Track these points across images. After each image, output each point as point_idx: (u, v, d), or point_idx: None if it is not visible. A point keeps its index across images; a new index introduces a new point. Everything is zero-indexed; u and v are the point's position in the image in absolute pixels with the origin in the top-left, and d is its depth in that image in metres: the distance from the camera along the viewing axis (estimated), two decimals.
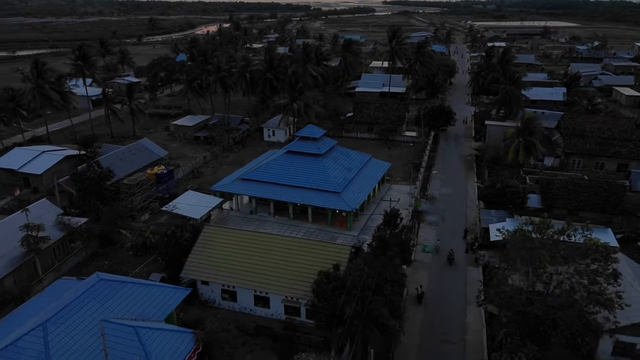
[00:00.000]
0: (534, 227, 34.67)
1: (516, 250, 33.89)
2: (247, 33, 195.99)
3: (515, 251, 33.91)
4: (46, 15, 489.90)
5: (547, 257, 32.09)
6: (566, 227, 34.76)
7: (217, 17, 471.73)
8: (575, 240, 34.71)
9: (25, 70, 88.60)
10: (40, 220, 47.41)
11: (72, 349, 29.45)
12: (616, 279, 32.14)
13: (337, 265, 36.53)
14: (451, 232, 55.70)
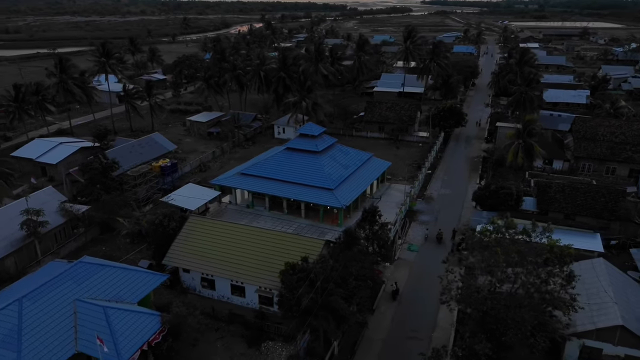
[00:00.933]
0: (495, 227, 34.64)
1: (475, 249, 34.05)
2: (274, 32, 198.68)
3: (474, 250, 34.08)
4: (91, 14, 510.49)
5: (501, 256, 32.10)
6: (531, 228, 34.57)
7: (253, 16, 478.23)
8: (538, 241, 34.45)
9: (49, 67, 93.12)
10: (44, 206, 50.69)
11: (44, 324, 31.81)
12: (569, 282, 31.83)
13: (305, 257, 37.58)
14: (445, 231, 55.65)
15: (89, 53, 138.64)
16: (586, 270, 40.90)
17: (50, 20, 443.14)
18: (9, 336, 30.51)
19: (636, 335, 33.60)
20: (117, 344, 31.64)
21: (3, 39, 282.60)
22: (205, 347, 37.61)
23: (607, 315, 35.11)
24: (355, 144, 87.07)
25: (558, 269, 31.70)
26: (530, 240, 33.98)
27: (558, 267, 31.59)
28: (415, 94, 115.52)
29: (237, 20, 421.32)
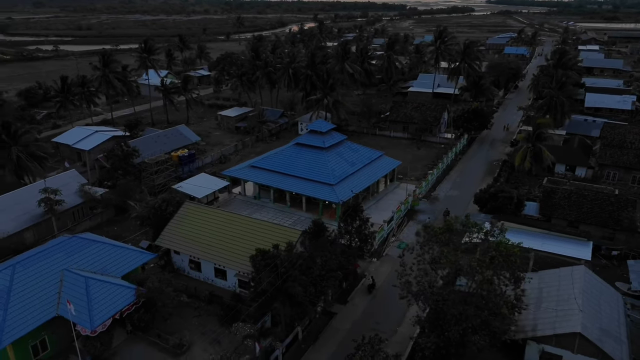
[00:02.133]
0: (447, 225, 34.89)
1: (426, 245, 34.49)
2: (322, 31, 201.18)
3: (425, 246, 34.52)
4: (159, 13, 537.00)
5: (446, 253, 32.43)
6: (491, 228, 34.55)
7: (310, 15, 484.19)
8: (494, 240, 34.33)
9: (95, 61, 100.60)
10: (65, 187, 55.93)
11: (32, 288, 35.85)
12: (517, 282, 31.63)
13: (276, 244, 39.43)
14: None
15: (168, 49, 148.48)
16: (564, 277, 40.04)
17: (122, 18, 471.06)
18: (1, 298, 34.69)
19: (595, 344, 32.78)
20: (91, 311, 35.07)
21: (75, 35, 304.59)
22: (181, 322, 40.46)
23: (568, 322, 34.46)
24: (376, 143, 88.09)
25: (505, 269, 31.58)
26: (486, 239, 33.99)
27: (504, 265, 31.44)
28: (450, 95, 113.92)
29: (294, 19, 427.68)
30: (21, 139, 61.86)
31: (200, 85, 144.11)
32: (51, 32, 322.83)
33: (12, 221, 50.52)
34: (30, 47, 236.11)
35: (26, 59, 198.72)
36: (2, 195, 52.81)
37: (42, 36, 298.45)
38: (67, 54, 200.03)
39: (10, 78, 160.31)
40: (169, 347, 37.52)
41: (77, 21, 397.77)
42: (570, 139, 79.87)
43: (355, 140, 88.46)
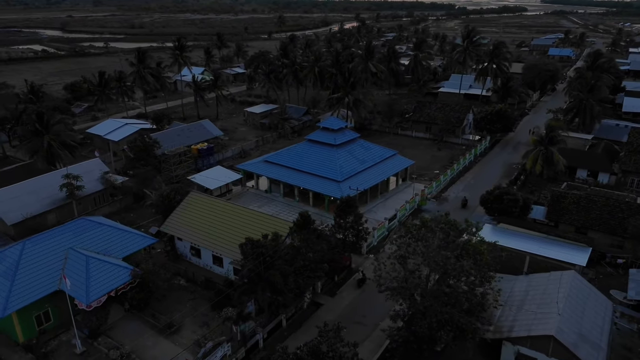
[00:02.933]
0: (421, 221, 35.28)
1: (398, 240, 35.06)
2: (360, 31, 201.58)
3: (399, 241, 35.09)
4: (209, 12, 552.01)
5: (418, 248, 32.89)
6: (466, 227, 34.74)
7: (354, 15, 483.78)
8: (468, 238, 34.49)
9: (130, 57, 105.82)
10: (88, 175, 59.96)
11: (38, 263, 39.14)
12: (488, 280, 31.71)
13: (265, 235, 41.02)
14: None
15: (193, 47, 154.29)
16: (552, 281, 39.55)
17: (173, 17, 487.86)
18: (9, 269, 38.19)
19: (567, 348, 32.37)
20: (88, 287, 37.95)
21: (127, 33, 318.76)
22: (175, 304, 42.87)
23: (544, 325, 34.18)
24: (397, 143, 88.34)
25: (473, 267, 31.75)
26: (462, 237, 34.22)
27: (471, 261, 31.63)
28: (483, 96, 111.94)
29: (339, 19, 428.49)
30: (53, 128, 66.54)
31: (235, 82, 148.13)
32: (106, 29, 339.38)
33: (36, 203, 54.76)
34: (84, 44, 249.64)
35: (78, 54, 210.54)
36: (30, 180, 57.32)
37: (97, 33, 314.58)
38: (115, 51, 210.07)
39: (62, 72, 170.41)
40: (160, 326, 39.94)
41: (131, 20, 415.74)
42: (597, 143, 77.17)
43: (377, 139, 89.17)
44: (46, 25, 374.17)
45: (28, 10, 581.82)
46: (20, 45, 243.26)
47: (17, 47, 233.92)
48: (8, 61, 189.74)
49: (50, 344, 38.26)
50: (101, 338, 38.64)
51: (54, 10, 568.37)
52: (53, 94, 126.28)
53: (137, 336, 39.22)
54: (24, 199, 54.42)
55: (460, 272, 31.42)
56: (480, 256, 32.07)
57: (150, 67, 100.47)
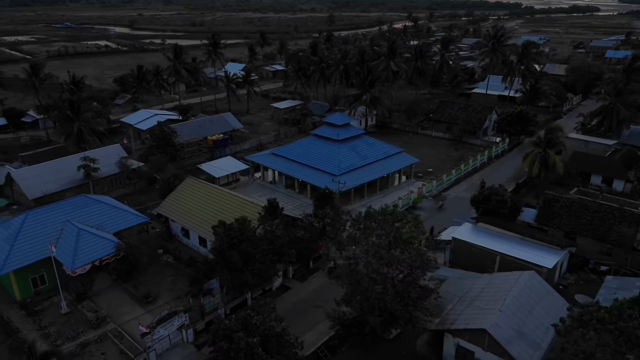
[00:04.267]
0: (367, 213, 36.54)
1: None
2: (405, 31, 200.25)
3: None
4: (269, 11, 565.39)
5: (359, 238, 34.31)
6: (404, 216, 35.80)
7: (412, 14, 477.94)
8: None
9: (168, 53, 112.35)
10: (107, 159, 65.59)
11: (36, 232, 44.25)
12: (423, 270, 32.66)
13: (238, 218, 43.76)
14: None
15: (243, 45, 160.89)
16: (509, 280, 39.65)
17: (234, 16, 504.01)
18: (11, 235, 43.50)
19: (499, 343, 32.70)
20: (75, 256, 42.49)
21: (188, 30, 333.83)
22: (158, 278, 46.71)
23: (482, 319, 34.60)
24: (415, 141, 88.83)
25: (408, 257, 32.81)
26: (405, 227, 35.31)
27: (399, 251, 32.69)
28: (510, 97, 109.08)
29: (395, 18, 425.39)
30: (83, 115, 73.01)
31: (274, 79, 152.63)
32: (169, 27, 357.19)
33: (56, 182, 60.80)
34: (145, 41, 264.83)
35: (138, 50, 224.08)
36: (53, 160, 63.65)
37: (160, 31, 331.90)
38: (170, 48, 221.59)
39: (119, 67, 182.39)
40: (139, 295, 43.84)
41: (194, 18, 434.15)
42: (619, 149, 73.82)
43: (395, 137, 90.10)
44: (116, 23, 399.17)
45: (104, 9, 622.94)
46: (89, 41, 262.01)
47: (86, 43, 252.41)
48: (74, 55, 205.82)
49: (42, 303, 43.17)
50: (86, 302, 43.04)
51: (127, 9, 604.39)
52: (106, 86, 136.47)
53: (117, 303, 43.36)
54: (46, 177, 60.64)
55: (391, 259, 32.59)
56: (408, 245, 33.02)
57: (185, 62, 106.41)
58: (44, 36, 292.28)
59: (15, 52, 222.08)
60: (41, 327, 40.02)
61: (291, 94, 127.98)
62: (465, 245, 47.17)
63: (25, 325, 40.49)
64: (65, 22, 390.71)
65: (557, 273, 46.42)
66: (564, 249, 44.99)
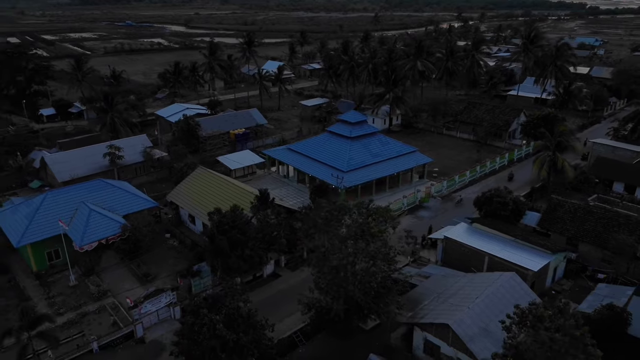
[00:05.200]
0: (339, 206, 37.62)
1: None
2: (450, 30, 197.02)
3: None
4: (320, 10, 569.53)
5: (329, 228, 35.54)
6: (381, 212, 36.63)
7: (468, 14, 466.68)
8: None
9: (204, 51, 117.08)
10: (133, 148, 70.11)
11: (53, 210, 48.55)
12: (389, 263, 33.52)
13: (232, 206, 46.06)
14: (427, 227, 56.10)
15: (287, 43, 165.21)
16: (488, 279, 39.71)
17: (286, 15, 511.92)
18: (30, 212, 48.01)
19: (461, 339, 33.05)
20: (84, 234, 46.37)
21: (239, 29, 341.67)
22: (161, 259, 49.91)
23: (448, 315, 35.00)
24: (436, 142, 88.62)
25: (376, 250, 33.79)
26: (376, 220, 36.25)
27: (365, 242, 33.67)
28: (542, 100, 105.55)
29: (447, 18, 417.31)
30: (116, 107, 78.18)
31: (311, 77, 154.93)
32: (221, 26, 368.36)
33: (84, 167, 65.72)
34: (197, 39, 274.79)
35: (188, 48, 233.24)
36: (83, 147, 68.83)
37: (212, 29, 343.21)
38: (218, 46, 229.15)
39: (167, 62, 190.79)
40: (139, 274, 47.16)
41: (247, 17, 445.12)
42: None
43: (419, 137, 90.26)
44: (173, 22, 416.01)
45: (165, 7, 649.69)
46: (146, 39, 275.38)
47: (142, 40, 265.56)
48: (129, 52, 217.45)
49: (54, 276, 47.39)
50: (92, 277, 46.83)
51: (186, 8, 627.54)
52: (151, 81, 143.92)
53: (119, 279, 46.90)
54: (76, 162, 65.74)
55: (357, 251, 33.67)
56: (375, 238, 33.94)
57: (220, 59, 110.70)
58: (105, 33, 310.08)
59: (77, 47, 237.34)
60: (50, 297, 44.07)
61: (325, 93, 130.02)
62: (456, 245, 47.21)
63: (37, 294, 44.73)
64: (127, 20, 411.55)
65: (550, 278, 45.61)
66: (555, 254, 44.08)
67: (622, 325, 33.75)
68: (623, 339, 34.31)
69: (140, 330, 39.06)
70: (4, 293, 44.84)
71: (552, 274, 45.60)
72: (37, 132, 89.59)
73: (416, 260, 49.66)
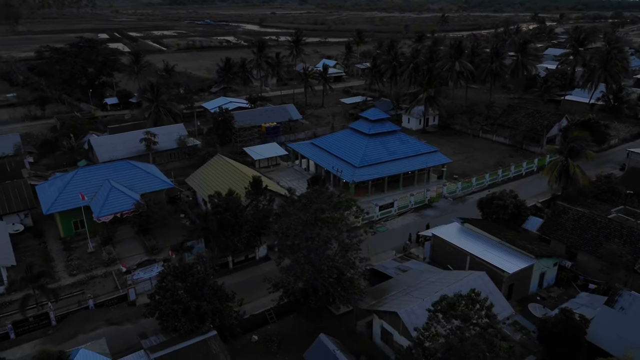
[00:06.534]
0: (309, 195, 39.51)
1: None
2: (518, 31, 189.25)
3: None
4: (395, 10, 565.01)
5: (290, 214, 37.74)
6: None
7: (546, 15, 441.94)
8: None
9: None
10: (170, 135, 76.23)
11: (81, 184, 54.85)
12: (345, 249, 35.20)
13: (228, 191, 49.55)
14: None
15: (347, 42, 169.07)
16: (456, 277, 40.22)
17: (360, 15, 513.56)
18: (62, 186, 54.63)
19: (406, 328, 34.07)
20: (102, 207, 52.12)
21: (308, 28, 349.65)
22: (171, 236, 54.50)
23: (401, 305, 36.00)
24: (469, 144, 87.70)
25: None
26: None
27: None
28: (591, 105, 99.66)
29: (527, 19, 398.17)
30: (161, 97, 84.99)
31: (363, 76, 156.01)
32: (292, 25, 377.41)
33: (124, 150, 72.55)
34: (266, 37, 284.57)
35: (254, 46, 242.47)
36: (125, 133, 75.88)
37: (284, 29, 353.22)
38: (282, 44, 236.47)
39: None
40: (148, 246, 52.13)
41: (319, 17, 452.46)
42: None
43: (452, 139, 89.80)
44: (249, 21, 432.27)
45: (246, 7, 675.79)
46: (219, 36, 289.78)
47: (215, 38, 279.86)
48: (200, 48, 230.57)
49: (78, 243, 53.62)
50: (108, 246, 52.48)
51: (265, 8, 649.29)
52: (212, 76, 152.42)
53: (130, 250, 52.18)
54: (117, 146, 72.82)
55: (312, 236, 35.64)
56: (329, 224, 35.64)
57: (267, 56, 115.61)
58: (184, 31, 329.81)
59: (156, 44, 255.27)
60: (68, 260, 50.18)
61: (374, 92, 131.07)
62: (443, 243, 47.54)
63: (59, 256, 51.08)
64: (206, 19, 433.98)
65: (536, 283, 44.65)
66: (539, 259, 43.13)
67: (576, 330, 32.99)
68: (580, 344, 33.55)
69: (132, 294, 43.66)
70: (34, 253, 51.59)
71: (538, 279, 44.63)
72: (97, 118, 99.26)
73: (406, 256, 50.39)
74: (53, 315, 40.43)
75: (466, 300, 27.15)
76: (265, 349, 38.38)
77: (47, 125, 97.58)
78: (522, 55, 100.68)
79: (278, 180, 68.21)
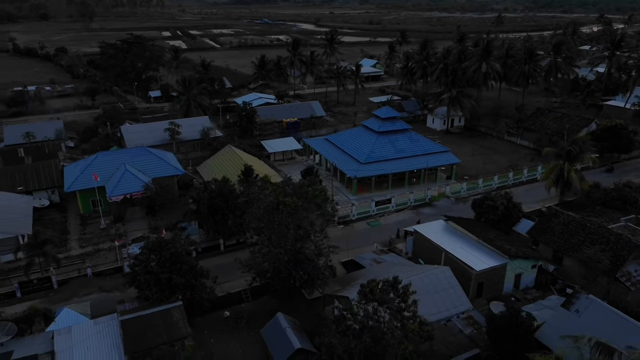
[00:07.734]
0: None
1: None
2: (574, 33, 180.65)
3: None
4: (456, 11, 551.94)
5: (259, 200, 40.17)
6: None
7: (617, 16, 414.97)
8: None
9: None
10: (194, 127, 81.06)
11: (100, 167, 60.25)
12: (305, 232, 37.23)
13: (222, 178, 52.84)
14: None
15: (391, 42, 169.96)
16: (420, 270, 41.30)
17: (418, 15, 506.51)
18: (83, 167, 60.22)
19: None
20: (114, 187, 57.11)
21: (361, 28, 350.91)
22: (176, 217, 58.60)
23: (349, 291, 37.58)
24: (489, 146, 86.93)
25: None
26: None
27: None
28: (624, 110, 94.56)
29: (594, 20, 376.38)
30: (192, 91, 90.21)
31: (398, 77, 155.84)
32: (346, 25, 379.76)
33: (150, 138, 77.90)
34: (317, 36, 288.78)
35: (302, 44, 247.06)
36: (152, 122, 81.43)
37: (338, 28, 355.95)
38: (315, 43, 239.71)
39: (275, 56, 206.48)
40: (153, 226, 56.52)
41: (375, 17, 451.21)
42: None
43: (475, 140, 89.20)
44: (306, 20, 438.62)
45: (306, 7, 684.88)
46: (273, 35, 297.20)
47: (267, 37, 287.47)
48: (250, 46, 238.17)
49: (95, 219, 59.00)
50: (118, 224, 57.41)
51: (324, 8, 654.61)
52: None
53: (137, 228, 56.69)
54: (145, 134, 78.46)
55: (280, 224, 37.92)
56: (286, 207, 37.67)
57: (301, 54, 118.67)
58: (241, 30, 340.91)
59: (212, 42, 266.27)
60: (82, 234, 55.51)
61: (409, 91, 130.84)
62: (422, 239, 48.21)
63: (75, 230, 56.59)
64: (264, 18, 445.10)
65: (511, 284, 44.40)
66: (513, 259, 42.92)
67: (520, 327, 33.14)
68: (528, 343, 33.63)
69: (126, 267, 47.86)
70: (54, 226, 57.41)
71: (514, 280, 44.36)
72: (137, 109, 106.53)
73: (390, 250, 51.44)
74: (55, 280, 45.36)
75: (386, 286, 28.46)
76: (234, 324, 41.14)
77: (94, 114, 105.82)
78: (555, 57, 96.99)
79: (288, 172, 70.86)
